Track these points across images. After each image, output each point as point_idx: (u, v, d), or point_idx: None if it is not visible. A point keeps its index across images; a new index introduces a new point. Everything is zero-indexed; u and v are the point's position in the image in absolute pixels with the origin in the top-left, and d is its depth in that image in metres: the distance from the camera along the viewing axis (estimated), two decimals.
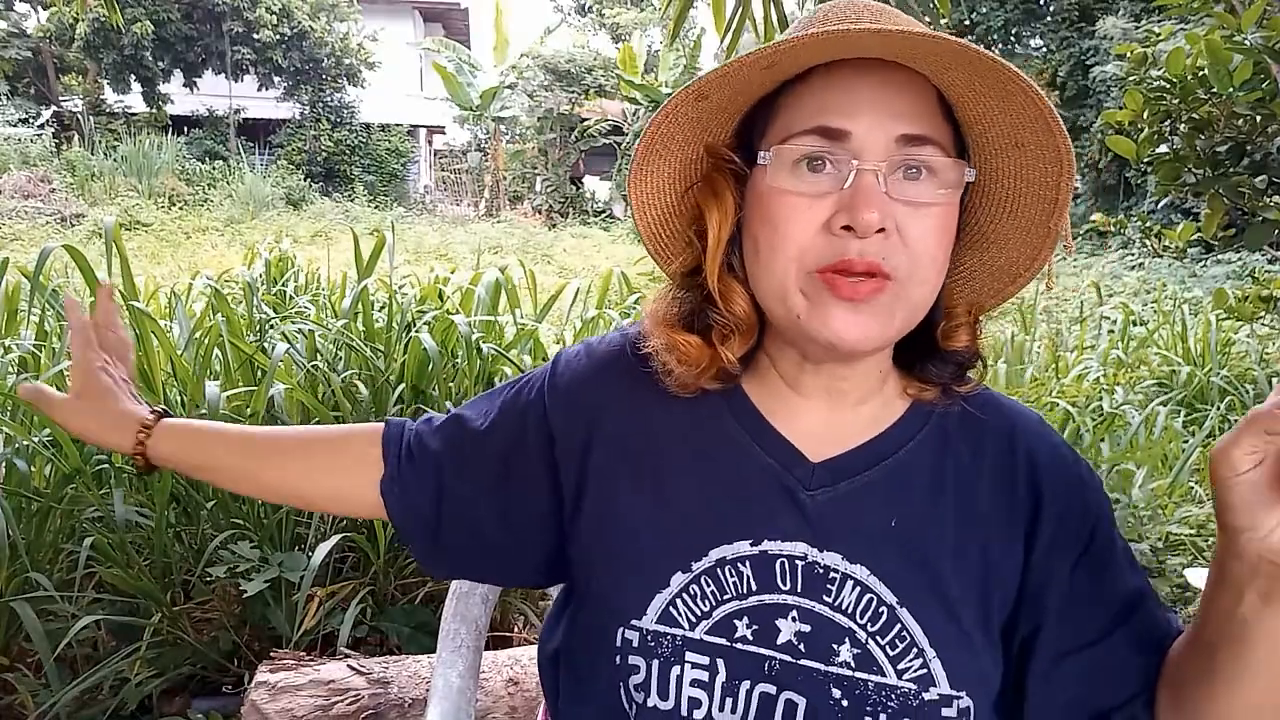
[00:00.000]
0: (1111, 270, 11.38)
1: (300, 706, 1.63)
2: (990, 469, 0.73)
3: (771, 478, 0.72)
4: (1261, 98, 1.96)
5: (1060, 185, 0.66)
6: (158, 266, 9.55)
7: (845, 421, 0.74)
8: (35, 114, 17.70)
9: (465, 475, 0.80)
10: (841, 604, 0.68)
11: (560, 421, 0.78)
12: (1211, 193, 2.09)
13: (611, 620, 0.70)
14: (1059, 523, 0.71)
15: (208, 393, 2.05)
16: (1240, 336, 5.08)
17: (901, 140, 0.63)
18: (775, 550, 0.70)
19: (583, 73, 19.64)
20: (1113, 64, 12.91)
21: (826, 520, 0.70)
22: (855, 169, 0.63)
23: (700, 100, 0.66)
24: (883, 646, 0.67)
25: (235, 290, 3.29)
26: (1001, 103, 0.63)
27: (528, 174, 20.73)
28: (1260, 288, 2.63)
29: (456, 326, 2.36)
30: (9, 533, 1.88)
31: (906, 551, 0.70)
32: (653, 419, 0.76)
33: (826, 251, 0.63)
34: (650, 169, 0.72)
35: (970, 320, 0.73)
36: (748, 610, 0.69)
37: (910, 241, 0.63)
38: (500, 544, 0.80)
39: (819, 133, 0.64)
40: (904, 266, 0.63)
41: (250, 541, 2.03)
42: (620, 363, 0.79)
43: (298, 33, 18.70)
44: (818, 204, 0.64)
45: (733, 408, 0.75)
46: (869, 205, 0.61)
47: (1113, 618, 0.70)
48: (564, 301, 3.37)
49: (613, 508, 0.74)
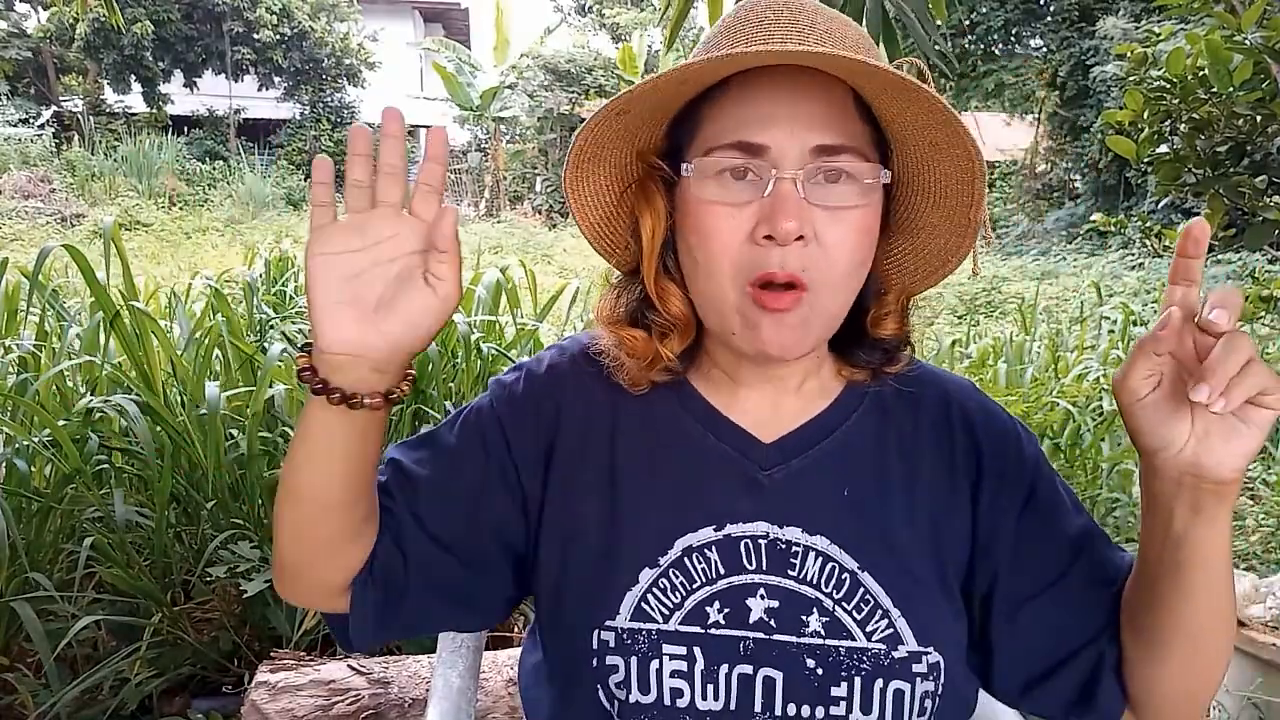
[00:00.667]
0: (1112, 270, 11.37)
1: (300, 706, 1.63)
2: (930, 436, 0.77)
3: (728, 463, 0.75)
4: (1262, 98, 1.96)
5: (974, 184, 0.69)
6: (158, 267, 9.54)
7: (788, 403, 0.77)
8: (35, 114, 17.71)
9: (429, 527, 0.75)
10: (806, 575, 0.71)
11: (522, 441, 0.77)
12: (1211, 193, 2.09)
13: (586, 623, 0.71)
14: (999, 477, 0.75)
15: (208, 392, 2.05)
16: None
17: (817, 150, 0.66)
18: (739, 532, 0.72)
19: (583, 73, 19.65)
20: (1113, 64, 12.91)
21: (784, 496, 0.73)
22: (774, 178, 0.65)
23: (622, 115, 0.69)
24: (849, 611, 0.70)
25: (235, 290, 3.29)
26: (910, 106, 0.65)
27: (528, 174, 20.73)
28: (1260, 288, 2.63)
29: (456, 326, 2.36)
30: (9, 533, 1.88)
31: (861, 518, 0.73)
32: (607, 421, 0.78)
33: (752, 263, 0.66)
34: (585, 175, 0.75)
35: (899, 307, 0.77)
36: (718, 594, 0.71)
37: (828, 247, 0.66)
38: (467, 589, 0.77)
39: (738, 147, 0.67)
40: (820, 275, 0.66)
41: (250, 541, 2.03)
42: (567, 371, 0.80)
43: (298, 33, 18.71)
44: (741, 213, 0.67)
45: (683, 402, 0.78)
46: (787, 214, 0.64)
47: (1064, 559, 0.74)
48: (564, 301, 3.37)
49: (577, 514, 0.75)
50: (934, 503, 0.75)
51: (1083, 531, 0.75)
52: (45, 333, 2.50)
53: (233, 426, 2.24)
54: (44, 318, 2.56)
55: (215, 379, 2.33)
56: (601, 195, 0.76)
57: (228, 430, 2.20)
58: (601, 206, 0.77)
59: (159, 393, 2.15)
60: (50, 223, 12.29)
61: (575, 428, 0.78)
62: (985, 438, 0.77)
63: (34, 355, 2.35)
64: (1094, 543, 0.75)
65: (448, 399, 2.37)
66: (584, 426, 0.78)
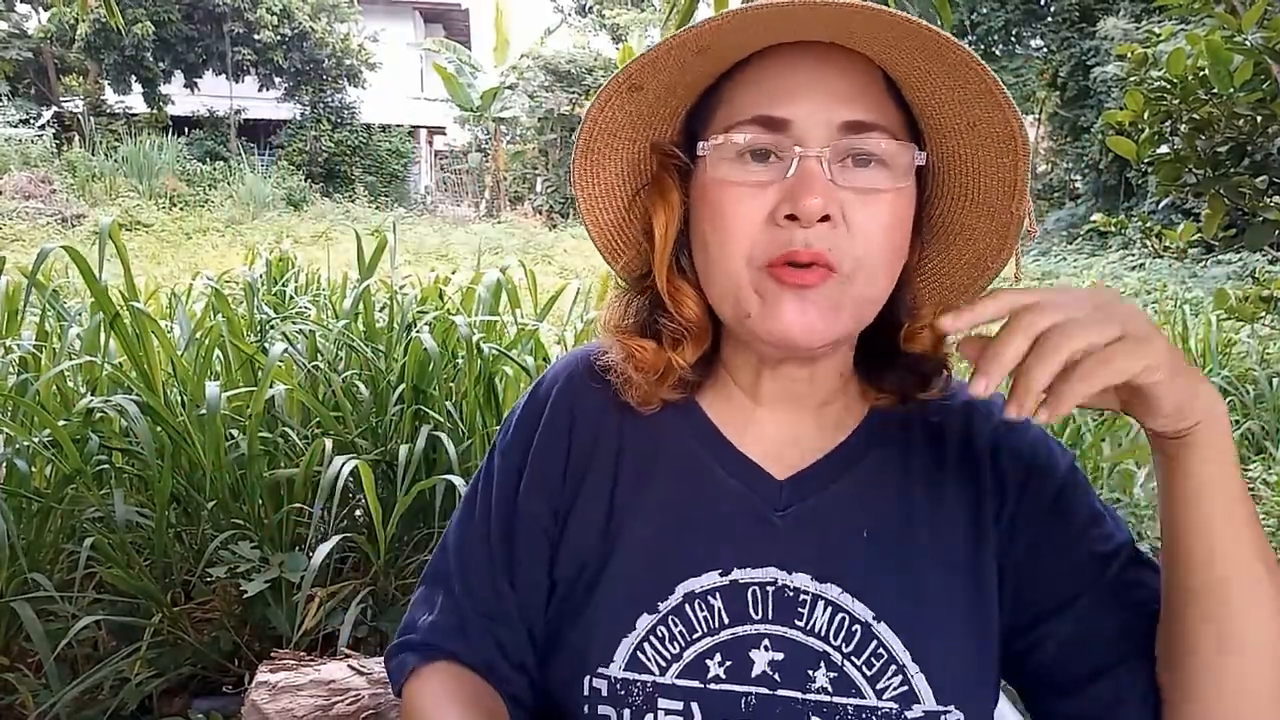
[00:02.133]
0: (1112, 270, 11.37)
1: (300, 706, 1.63)
2: (954, 460, 0.70)
3: (737, 501, 0.69)
4: (1262, 98, 1.96)
5: (1017, 166, 0.63)
6: (158, 267, 9.55)
7: (808, 429, 0.71)
8: (36, 115, 17.72)
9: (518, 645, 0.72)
10: (814, 627, 0.65)
11: (544, 487, 0.73)
12: (1212, 193, 2.09)
13: (578, 668, 0.67)
14: (1022, 490, 0.69)
15: (208, 393, 2.05)
16: (1241, 337, 5.08)
17: (845, 127, 0.60)
18: (746, 578, 0.66)
19: (583, 73, 19.65)
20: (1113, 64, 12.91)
21: (796, 539, 0.67)
22: (798, 156, 0.60)
23: (635, 91, 0.64)
24: (859, 666, 0.64)
25: (236, 291, 3.29)
26: (948, 80, 0.60)
27: (528, 175, 20.74)
28: (1261, 288, 2.62)
29: (457, 327, 2.36)
30: (9, 533, 1.88)
31: (881, 561, 0.67)
32: (613, 444, 0.73)
33: (772, 244, 0.61)
34: (596, 169, 0.69)
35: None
36: (720, 646, 0.65)
37: (858, 231, 0.60)
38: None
39: (759, 122, 0.61)
40: (850, 259, 0.60)
41: (251, 542, 2.03)
42: (575, 388, 0.75)
43: (298, 33, 18.71)
44: (761, 194, 0.61)
45: (693, 428, 0.72)
46: (811, 191, 0.58)
47: (1087, 575, 0.66)
48: (564, 302, 3.37)
49: (575, 545, 0.71)
50: (962, 534, 0.68)
51: (1116, 548, 0.66)
52: (45, 333, 2.50)
53: (233, 427, 2.24)
54: (44, 318, 2.56)
55: (215, 379, 2.33)
56: (613, 194, 0.71)
57: (228, 430, 2.20)
58: (613, 209, 0.72)
59: (159, 393, 2.15)
60: (51, 223, 12.30)
61: (584, 450, 0.73)
62: (1007, 453, 0.70)
63: (34, 355, 2.36)
64: (1128, 562, 0.66)
65: (448, 399, 2.37)
66: (591, 450, 0.73)
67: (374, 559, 2.14)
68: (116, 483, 2.14)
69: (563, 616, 0.70)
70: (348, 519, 2.27)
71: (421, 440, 2.18)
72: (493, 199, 19.72)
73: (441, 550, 0.79)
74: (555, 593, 0.72)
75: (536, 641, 0.72)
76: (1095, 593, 0.65)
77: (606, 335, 0.73)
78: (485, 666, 0.72)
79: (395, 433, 2.34)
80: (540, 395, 0.76)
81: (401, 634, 0.77)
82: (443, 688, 0.71)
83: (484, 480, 0.77)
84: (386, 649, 0.77)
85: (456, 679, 0.71)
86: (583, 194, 0.70)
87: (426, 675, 0.72)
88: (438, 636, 0.74)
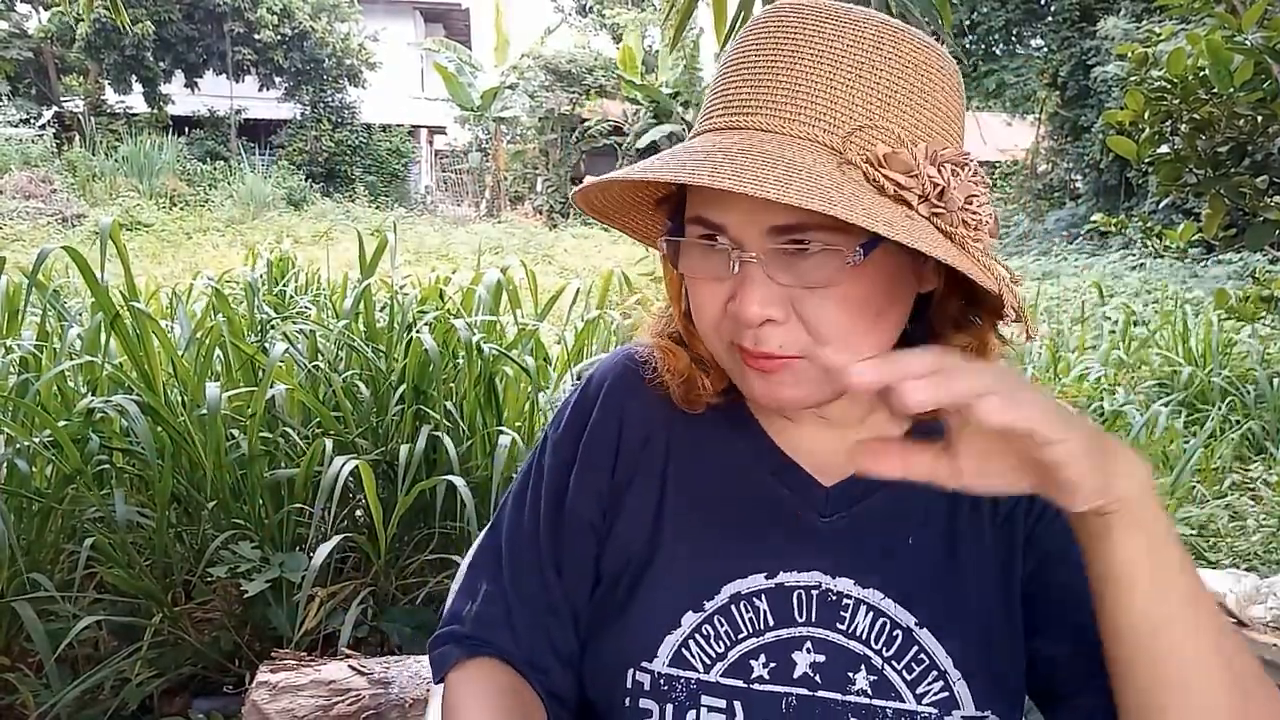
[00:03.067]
0: (1113, 270, 11.37)
1: (301, 707, 1.63)
2: None
3: (785, 506, 0.70)
4: (1262, 98, 1.96)
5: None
6: (159, 267, 9.55)
7: (854, 438, 0.68)
8: (36, 114, 17.73)
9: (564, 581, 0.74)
10: (856, 630, 0.66)
11: (592, 483, 0.75)
12: (1212, 193, 2.09)
13: (622, 662, 0.68)
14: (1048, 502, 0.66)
15: (208, 393, 2.05)
16: (1242, 337, 5.08)
17: (774, 231, 0.59)
18: (792, 581, 0.68)
19: (583, 73, 19.65)
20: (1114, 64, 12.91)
21: (841, 545, 0.68)
22: (738, 260, 0.59)
23: (602, 195, 0.67)
24: (899, 671, 0.65)
25: (236, 291, 3.29)
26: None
27: (529, 174, 20.73)
28: (1261, 288, 2.63)
29: (457, 327, 2.36)
30: (10, 533, 1.88)
31: (925, 569, 0.68)
32: (663, 441, 0.74)
33: (734, 329, 0.62)
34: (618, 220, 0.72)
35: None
36: (764, 648, 0.66)
37: (811, 324, 0.59)
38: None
39: (699, 223, 0.62)
40: (810, 346, 0.60)
41: (251, 542, 2.03)
42: (626, 383, 0.76)
43: (299, 33, 18.72)
44: (719, 286, 0.62)
45: (741, 431, 0.73)
46: (750, 299, 0.58)
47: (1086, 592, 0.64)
48: (565, 302, 3.37)
49: (622, 541, 0.72)
50: (999, 550, 0.68)
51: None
52: (46, 333, 2.50)
53: (234, 427, 2.24)
54: (45, 318, 2.56)
55: (216, 379, 2.33)
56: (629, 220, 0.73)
57: (228, 430, 2.20)
58: (637, 226, 0.74)
59: (160, 393, 2.15)
60: (51, 223, 12.31)
61: (633, 447, 0.74)
62: None
63: (35, 356, 2.36)
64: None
65: (448, 399, 2.37)
66: (640, 447, 0.74)
67: (374, 559, 2.14)
68: (117, 483, 2.14)
69: (607, 610, 0.71)
70: (348, 519, 2.27)
71: (422, 440, 2.18)
72: (493, 199, 19.73)
73: (490, 539, 0.79)
74: (600, 585, 0.73)
75: (580, 633, 0.73)
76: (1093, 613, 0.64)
77: (650, 338, 0.75)
78: (530, 661, 0.73)
79: (396, 433, 2.34)
80: (591, 391, 0.78)
81: (446, 623, 0.78)
82: (482, 685, 0.72)
83: (534, 472, 0.78)
84: (431, 636, 0.78)
85: (495, 678, 0.72)
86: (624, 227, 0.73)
87: (470, 669, 0.73)
88: (483, 629, 0.74)
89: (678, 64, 18.28)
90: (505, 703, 0.70)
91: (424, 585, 2.20)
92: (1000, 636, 0.67)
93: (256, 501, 2.13)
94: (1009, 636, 0.67)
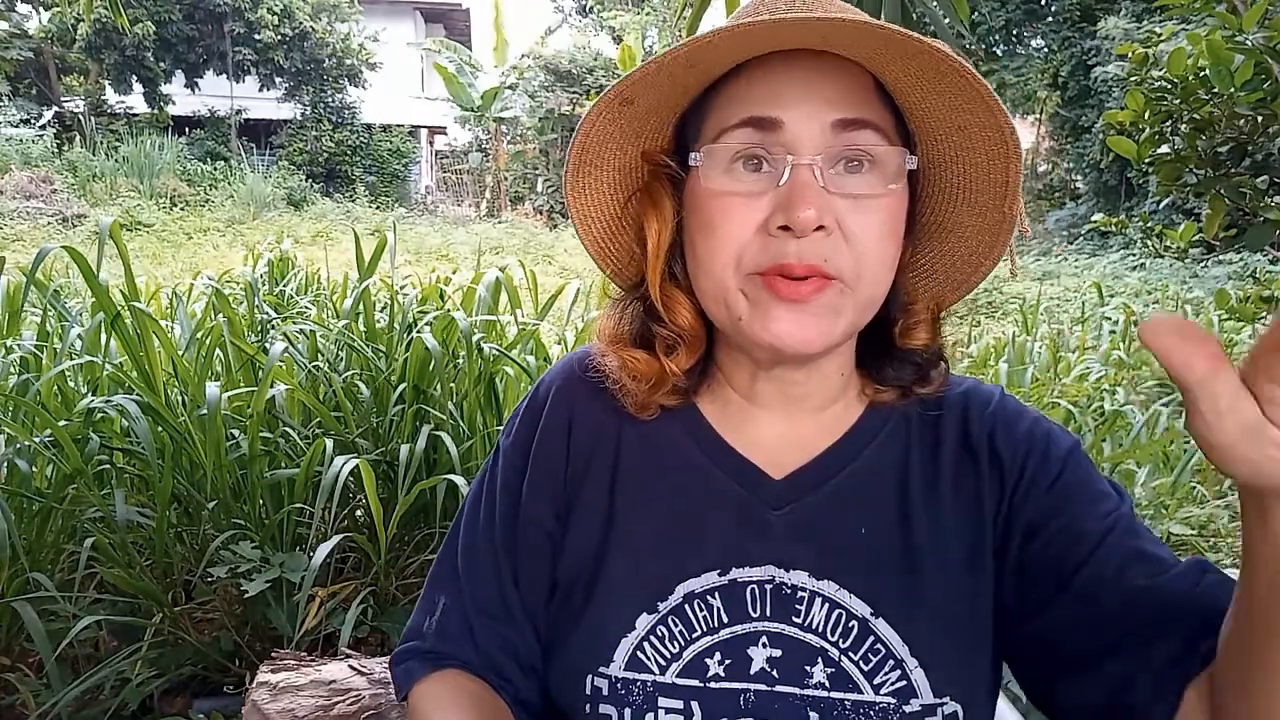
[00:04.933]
0: (1113, 270, 11.38)
1: (301, 707, 1.63)
2: (952, 453, 0.69)
3: (735, 501, 0.69)
4: (1263, 98, 1.96)
5: (1009, 169, 0.62)
6: (159, 267, 9.56)
7: (807, 429, 0.71)
8: (37, 115, 17.71)
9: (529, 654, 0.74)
10: (811, 623, 0.66)
11: (544, 491, 0.74)
12: (1213, 193, 2.08)
13: (581, 668, 0.67)
14: (1019, 479, 0.67)
15: (209, 393, 2.05)
16: (1242, 337, 5.09)
17: (837, 126, 0.60)
18: (744, 577, 0.67)
19: (584, 73, 19.64)
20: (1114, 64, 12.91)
21: (793, 538, 0.68)
22: (790, 164, 0.59)
23: (626, 105, 0.64)
24: (856, 662, 0.64)
25: (236, 291, 3.29)
26: (937, 85, 0.60)
27: (529, 174, 20.73)
28: (1262, 288, 2.62)
29: (457, 326, 2.36)
30: (10, 533, 1.88)
31: (879, 558, 0.67)
32: (612, 446, 0.73)
33: (764, 254, 0.60)
34: (587, 180, 0.70)
35: (930, 317, 0.70)
36: (719, 645, 0.66)
37: (853, 238, 0.60)
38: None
39: (750, 124, 0.61)
40: (848, 266, 0.60)
41: (251, 542, 2.03)
42: (572, 391, 0.76)
43: (299, 33, 18.71)
44: (754, 203, 0.61)
45: (690, 430, 0.72)
46: (805, 202, 0.58)
47: (1081, 553, 0.63)
48: (564, 301, 3.37)
49: (574, 547, 0.72)
50: (961, 535, 0.67)
51: (1114, 523, 0.63)
52: (46, 333, 2.50)
53: (234, 427, 2.24)
54: (45, 318, 2.56)
55: (216, 379, 2.33)
56: (605, 206, 0.72)
57: (229, 430, 2.20)
58: (605, 219, 0.72)
59: (160, 393, 2.15)
60: (52, 223, 12.32)
61: (582, 452, 0.73)
62: (1006, 441, 0.68)
63: (35, 356, 2.36)
64: (1125, 533, 0.62)
65: (449, 399, 2.37)
66: (589, 452, 0.73)
67: (375, 559, 2.14)
68: (117, 483, 2.14)
69: (564, 617, 0.71)
70: (348, 519, 2.27)
71: (422, 440, 2.18)
72: (493, 199, 19.72)
73: (446, 552, 0.79)
74: (556, 593, 0.72)
75: (541, 641, 0.73)
76: (1093, 568, 0.62)
77: (603, 345, 0.73)
78: (494, 672, 0.72)
79: (396, 433, 2.34)
80: (539, 397, 0.77)
81: (406, 639, 0.77)
82: (448, 697, 0.71)
83: (487, 482, 0.78)
84: (392, 654, 0.77)
85: (462, 688, 0.72)
86: (575, 204, 0.71)
87: (432, 683, 0.73)
88: (444, 643, 0.74)
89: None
90: (475, 709, 0.69)
91: (424, 585, 2.20)
92: (962, 620, 0.66)
93: (257, 501, 2.13)
94: (972, 621, 0.66)
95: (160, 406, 2.07)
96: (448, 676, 0.73)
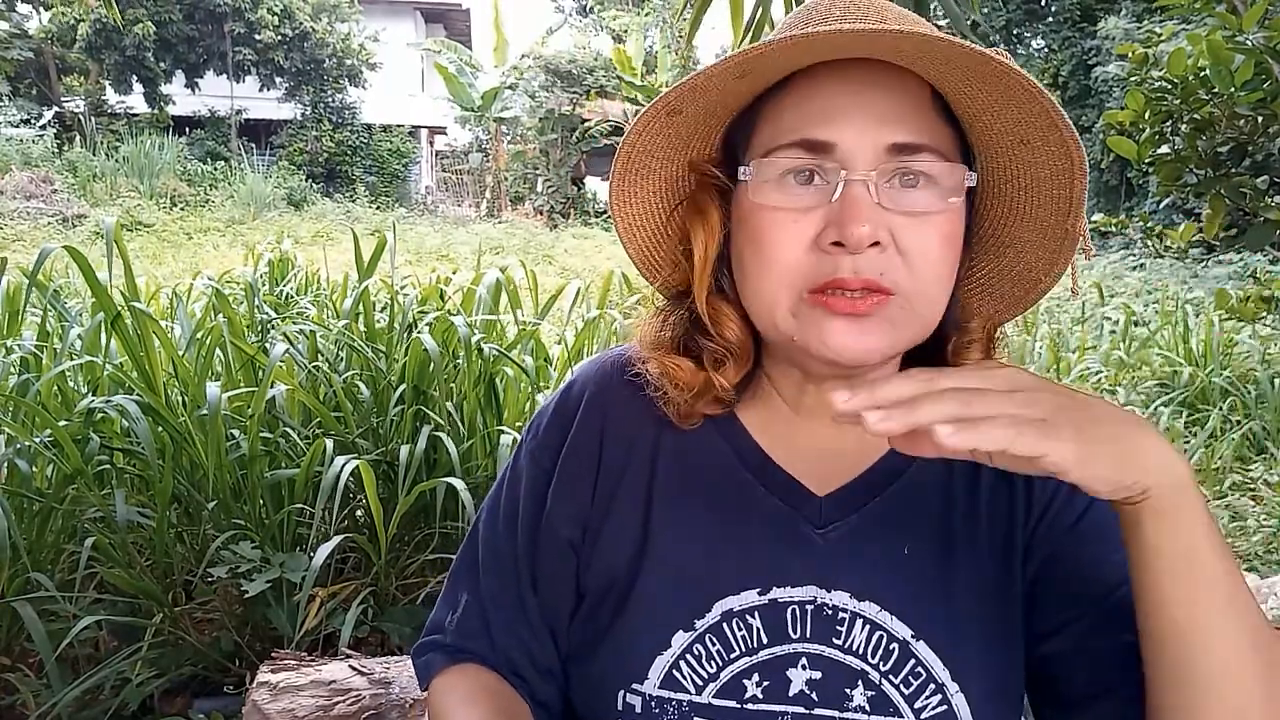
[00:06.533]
0: (1113, 270, 11.36)
1: (301, 707, 1.63)
2: (991, 477, 0.68)
3: (778, 519, 0.67)
4: (1263, 98, 1.96)
5: (1074, 184, 0.60)
6: (159, 267, 9.56)
7: (850, 443, 0.68)
8: (37, 115, 17.72)
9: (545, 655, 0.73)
10: (852, 645, 0.64)
11: (571, 495, 0.72)
12: (1213, 193, 2.08)
13: (612, 684, 0.66)
14: (1048, 506, 0.67)
15: (209, 393, 2.06)
16: (1242, 337, 5.08)
17: (892, 150, 0.58)
18: (785, 597, 0.65)
19: (584, 73, 19.63)
20: (1114, 64, 12.91)
21: (836, 558, 0.66)
22: (844, 180, 0.58)
23: (674, 115, 0.62)
24: (897, 685, 0.63)
25: (237, 291, 3.29)
26: (1000, 98, 0.58)
27: (529, 175, 20.72)
28: (1262, 288, 2.62)
29: (457, 327, 2.36)
30: (11, 533, 1.88)
31: (921, 579, 0.66)
32: (648, 454, 0.71)
33: (816, 271, 0.59)
34: (633, 188, 0.68)
35: (985, 336, 0.69)
36: (758, 666, 0.64)
37: (909, 254, 0.58)
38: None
39: (803, 145, 0.59)
40: (905, 281, 0.59)
41: (252, 542, 2.03)
42: (607, 396, 0.73)
43: (299, 33, 18.72)
44: (805, 219, 0.59)
45: (731, 442, 0.70)
46: (859, 218, 0.56)
47: (1088, 597, 0.64)
48: (565, 302, 3.37)
49: (609, 558, 0.69)
50: (997, 559, 0.66)
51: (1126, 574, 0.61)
52: (47, 333, 2.50)
53: (234, 427, 2.24)
54: (45, 318, 2.56)
55: (216, 379, 2.33)
56: (650, 215, 0.69)
57: (229, 430, 2.20)
58: (650, 227, 0.70)
59: (160, 393, 2.15)
60: (52, 223, 12.32)
61: (616, 460, 0.71)
62: (1038, 479, 0.67)
63: (35, 356, 2.36)
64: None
65: (448, 400, 2.37)
66: (624, 460, 0.71)
67: (375, 559, 2.14)
68: (118, 483, 2.14)
69: (593, 630, 0.69)
70: (348, 519, 2.27)
71: (422, 441, 2.18)
72: (493, 199, 19.71)
73: (469, 546, 0.78)
74: (583, 604, 0.71)
75: (560, 648, 0.72)
76: (1096, 616, 0.63)
77: (644, 351, 0.71)
78: (510, 670, 0.72)
79: (396, 433, 2.34)
80: (572, 399, 0.74)
81: (429, 632, 0.78)
82: (467, 688, 0.71)
83: (510, 481, 0.76)
84: (414, 646, 0.78)
85: (481, 680, 0.72)
86: (619, 213, 0.69)
87: (452, 675, 0.73)
88: (463, 639, 0.74)
89: (677, 65, 18.28)
90: (493, 703, 0.69)
91: (424, 585, 2.20)
92: (998, 644, 0.65)
93: (257, 502, 2.13)
94: (1006, 643, 0.66)
95: (160, 407, 2.08)
96: (467, 670, 0.73)
